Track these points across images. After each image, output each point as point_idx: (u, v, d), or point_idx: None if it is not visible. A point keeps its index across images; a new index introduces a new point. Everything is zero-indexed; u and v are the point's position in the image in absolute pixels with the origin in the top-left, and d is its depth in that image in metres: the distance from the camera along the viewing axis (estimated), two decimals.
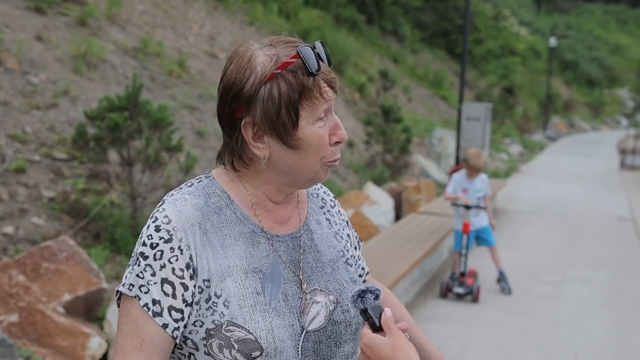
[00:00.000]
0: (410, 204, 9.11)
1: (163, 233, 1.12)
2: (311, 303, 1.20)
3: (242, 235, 1.19)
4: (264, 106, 1.12)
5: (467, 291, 5.79)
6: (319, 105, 1.14)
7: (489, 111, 12.58)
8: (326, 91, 1.14)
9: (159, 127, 5.92)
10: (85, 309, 4.41)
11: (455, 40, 28.71)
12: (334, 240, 1.33)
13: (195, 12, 13.01)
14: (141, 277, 1.11)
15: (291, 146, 1.15)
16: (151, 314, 1.10)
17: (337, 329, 1.22)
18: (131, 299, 1.12)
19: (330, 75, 1.16)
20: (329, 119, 1.17)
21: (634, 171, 17.46)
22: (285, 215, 1.26)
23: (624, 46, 59.73)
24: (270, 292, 1.16)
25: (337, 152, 1.20)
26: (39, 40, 7.84)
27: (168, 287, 1.11)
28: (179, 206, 1.15)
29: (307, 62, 1.11)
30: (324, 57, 1.16)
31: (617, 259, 7.57)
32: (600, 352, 4.79)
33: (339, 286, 1.25)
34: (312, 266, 1.25)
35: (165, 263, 1.11)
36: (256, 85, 1.12)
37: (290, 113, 1.12)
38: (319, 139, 1.15)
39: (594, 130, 36.23)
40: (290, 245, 1.24)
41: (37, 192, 5.82)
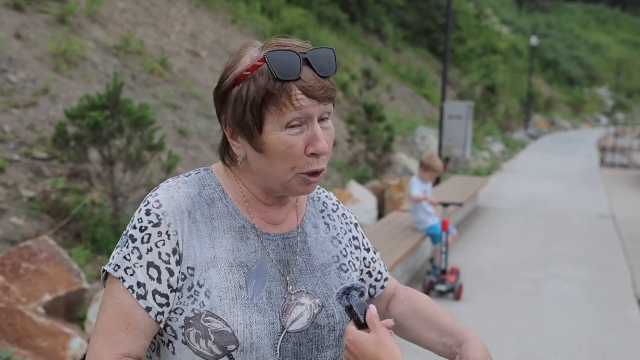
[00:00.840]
0: (393, 202, 9.14)
1: (152, 217, 1.14)
2: (295, 304, 1.19)
3: (232, 229, 1.19)
4: (234, 106, 1.15)
5: (449, 288, 5.83)
6: (287, 112, 1.11)
7: (470, 109, 12.66)
8: (298, 99, 1.11)
9: (140, 125, 5.88)
10: (65, 309, 4.37)
11: (438, 38, 28.83)
12: (330, 245, 1.32)
13: (177, 10, 12.94)
14: (128, 259, 1.13)
15: (258, 149, 1.15)
16: (135, 296, 1.11)
17: (320, 333, 1.21)
18: (116, 280, 1.13)
19: (311, 84, 1.12)
20: (309, 128, 1.14)
21: (613, 169, 17.67)
22: (278, 217, 1.26)
23: (603, 45, 60.45)
24: (253, 287, 1.16)
25: (316, 163, 1.16)
26: (17, 37, 7.75)
27: (154, 270, 1.12)
28: (172, 192, 1.18)
29: (271, 67, 1.10)
30: (318, 65, 1.13)
31: (597, 256, 7.66)
32: (580, 348, 4.85)
33: (326, 291, 1.24)
34: (302, 268, 1.24)
35: (152, 247, 1.12)
36: (230, 85, 1.15)
37: (254, 116, 1.12)
38: (287, 146, 1.12)
39: (574, 129, 36.61)
40: (281, 245, 1.24)
41: (16, 192, 5.76)
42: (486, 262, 7.19)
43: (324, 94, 1.13)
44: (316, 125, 1.14)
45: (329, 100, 1.15)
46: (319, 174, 1.18)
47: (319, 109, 1.13)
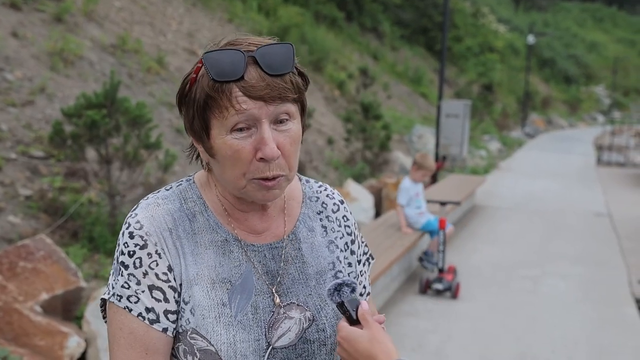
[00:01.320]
0: (390, 200, 9.15)
1: (137, 239, 1.10)
2: (283, 318, 1.15)
3: (213, 244, 1.15)
4: (186, 111, 1.11)
5: (446, 287, 5.83)
6: (229, 116, 1.04)
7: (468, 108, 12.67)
8: (240, 102, 1.03)
9: (137, 124, 5.88)
10: (63, 308, 4.37)
11: (435, 37, 28.85)
12: (326, 250, 1.25)
13: (174, 8, 12.93)
14: (127, 287, 1.09)
15: (210, 154, 1.11)
16: (148, 322, 1.08)
17: (309, 348, 1.16)
18: (122, 311, 1.09)
19: (253, 83, 1.03)
20: (258, 131, 1.05)
21: (610, 167, 17.70)
22: (260, 227, 1.20)
23: (600, 44, 60.52)
24: (237, 303, 1.12)
25: (267, 169, 1.07)
26: (14, 36, 7.74)
27: (158, 292, 1.09)
28: (151, 211, 1.13)
29: (207, 68, 1.04)
30: (266, 63, 1.04)
31: (594, 255, 7.67)
32: (576, 346, 4.86)
33: (319, 302, 1.19)
34: (294, 278, 1.19)
35: (147, 270, 1.09)
36: (183, 88, 1.11)
37: (200, 120, 1.08)
38: (233, 151, 1.06)
39: (571, 127, 36.65)
40: (269, 256, 1.18)
41: (13, 191, 5.75)
42: (483, 261, 7.21)
43: (271, 93, 1.04)
44: (264, 128, 1.05)
45: (282, 100, 1.05)
46: (275, 180, 1.09)
47: (267, 110, 1.04)
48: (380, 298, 5.52)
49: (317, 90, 15.45)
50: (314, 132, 12.18)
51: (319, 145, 11.96)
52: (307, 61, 16.22)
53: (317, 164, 11.21)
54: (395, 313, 5.46)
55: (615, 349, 4.83)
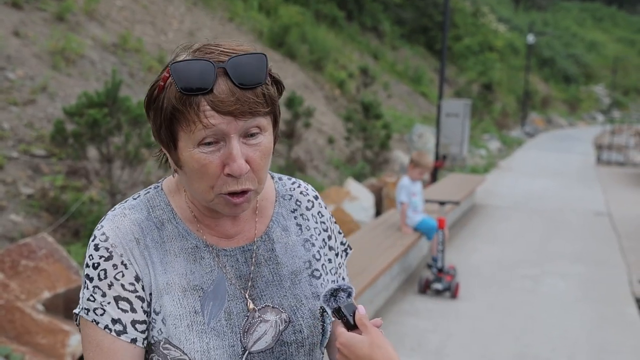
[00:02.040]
0: (391, 199, 9.16)
1: (102, 251, 1.07)
2: (258, 322, 1.12)
3: (183, 251, 1.12)
4: (154, 118, 1.06)
5: (445, 287, 5.84)
6: (196, 130, 0.99)
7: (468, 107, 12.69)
8: (207, 116, 0.98)
9: (138, 123, 5.89)
10: (65, 307, 4.39)
11: (435, 36, 28.86)
12: (302, 249, 1.22)
13: (175, 7, 12.94)
14: (92, 299, 1.07)
15: (177, 165, 1.07)
16: (115, 334, 1.06)
17: (287, 350, 1.14)
18: (89, 324, 1.07)
19: (222, 98, 0.98)
20: (227, 146, 1.01)
21: (610, 166, 17.72)
22: (232, 231, 1.17)
23: (600, 43, 60.51)
24: (210, 310, 1.10)
25: (235, 184, 1.04)
26: (16, 35, 7.75)
27: (124, 303, 1.07)
28: (117, 222, 1.10)
29: (175, 80, 0.99)
30: (237, 75, 0.99)
31: (594, 254, 7.69)
32: (576, 345, 4.88)
33: (295, 302, 1.16)
34: (268, 280, 1.16)
35: (112, 281, 1.06)
36: (151, 94, 1.06)
37: (167, 131, 1.03)
38: (200, 165, 1.02)
39: (570, 126, 36.65)
40: (241, 260, 1.16)
41: (15, 189, 5.77)
42: (483, 260, 7.22)
43: (241, 109, 0.99)
44: (233, 144, 1.00)
45: (252, 115, 1.00)
46: (243, 195, 1.06)
47: (236, 125, 1.00)
48: (380, 297, 5.54)
49: (318, 90, 15.46)
50: (315, 131, 12.20)
51: (319, 144, 11.97)
52: (308, 60, 16.23)
53: (318, 163, 11.23)
54: (395, 312, 5.47)
55: (615, 348, 4.85)
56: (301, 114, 9.90)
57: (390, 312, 5.47)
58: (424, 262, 7.05)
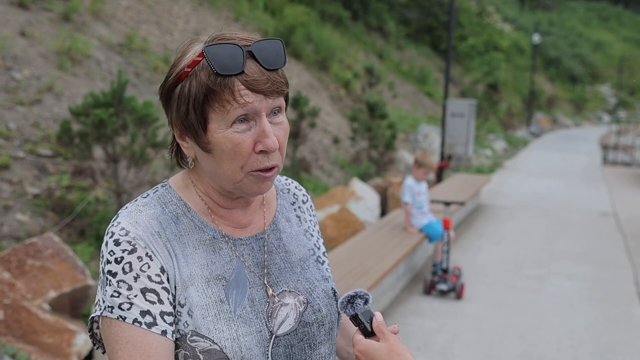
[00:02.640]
0: (396, 199, 9.16)
1: (124, 245, 1.07)
2: (279, 306, 1.16)
3: (202, 243, 1.14)
4: (177, 105, 1.09)
5: (450, 288, 5.83)
6: (232, 109, 1.05)
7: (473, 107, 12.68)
8: (242, 95, 1.04)
9: (144, 123, 5.91)
10: (70, 306, 4.40)
11: (440, 36, 28.82)
12: (304, 239, 1.29)
13: (181, 7, 12.96)
14: (117, 295, 1.05)
15: (205, 149, 1.10)
16: (146, 327, 1.04)
17: (310, 331, 1.18)
18: (115, 322, 1.05)
19: (255, 77, 1.05)
20: (257, 124, 1.08)
21: (616, 167, 17.66)
22: (245, 220, 1.21)
23: (606, 43, 60.30)
24: (234, 298, 1.12)
25: (266, 160, 1.09)
26: (22, 35, 7.78)
27: (152, 295, 1.06)
28: (134, 217, 1.11)
29: (210, 62, 1.04)
30: (263, 57, 1.07)
31: (599, 254, 7.67)
32: (582, 345, 4.87)
33: (309, 285, 1.21)
34: (280, 267, 1.21)
35: (138, 273, 1.06)
36: (173, 83, 1.10)
37: (198, 115, 1.07)
38: (234, 145, 1.06)
39: (576, 126, 36.56)
40: (256, 248, 1.20)
41: (21, 189, 5.79)
42: (488, 260, 7.21)
43: (271, 87, 1.07)
44: (264, 121, 1.08)
45: (278, 94, 1.09)
46: (272, 170, 1.11)
47: (266, 103, 1.07)
48: (386, 297, 5.54)
49: (323, 90, 15.46)
50: (320, 131, 12.19)
51: (324, 144, 11.97)
52: (313, 60, 16.24)
53: (323, 163, 11.23)
54: (401, 312, 5.47)
55: (621, 349, 4.83)
56: (306, 114, 9.90)
57: (396, 312, 5.46)
58: (429, 262, 7.04)
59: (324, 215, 7.34)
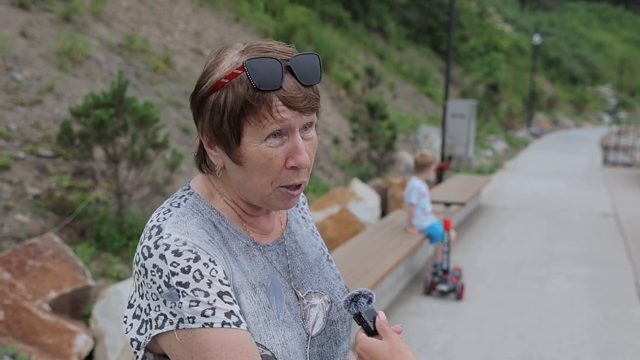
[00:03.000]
0: (396, 200, 9.16)
1: (187, 254, 1.02)
2: (309, 307, 1.19)
3: (241, 250, 1.14)
4: (210, 114, 1.08)
5: (450, 288, 5.83)
6: (267, 124, 1.04)
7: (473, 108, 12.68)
8: (279, 111, 1.03)
9: (144, 124, 5.91)
10: (71, 307, 4.41)
11: (440, 37, 28.82)
12: (313, 239, 1.32)
13: (181, 8, 12.96)
14: (196, 304, 1.00)
15: (235, 161, 1.09)
16: (235, 326, 1.01)
17: (335, 329, 1.21)
18: (201, 331, 1.00)
19: (293, 94, 1.04)
20: (290, 140, 1.07)
21: (616, 167, 17.66)
22: (269, 226, 1.22)
23: (606, 44, 60.30)
24: (276, 304, 1.13)
25: (296, 177, 1.09)
26: (23, 36, 7.79)
27: (228, 297, 1.03)
28: (182, 227, 1.07)
29: (250, 76, 1.02)
30: (301, 73, 1.06)
31: (600, 254, 7.67)
32: (582, 345, 4.87)
33: (328, 285, 1.25)
34: (302, 269, 1.23)
35: (210, 279, 1.02)
36: (208, 91, 1.08)
37: (232, 127, 1.06)
38: (266, 159, 1.06)
39: (577, 127, 36.55)
40: (280, 252, 1.21)
41: (21, 189, 5.79)
42: (489, 261, 7.21)
43: (307, 104, 1.06)
44: (298, 137, 1.07)
45: (312, 110, 1.08)
46: (299, 187, 1.11)
47: (301, 120, 1.06)
48: (386, 298, 5.54)
49: (323, 90, 15.47)
50: (320, 132, 12.20)
51: (325, 145, 11.97)
52: None
53: (323, 163, 11.23)
54: (401, 313, 5.47)
55: (622, 349, 4.83)
56: None
57: (396, 312, 5.46)
58: (430, 263, 7.04)
59: (324, 215, 7.34)
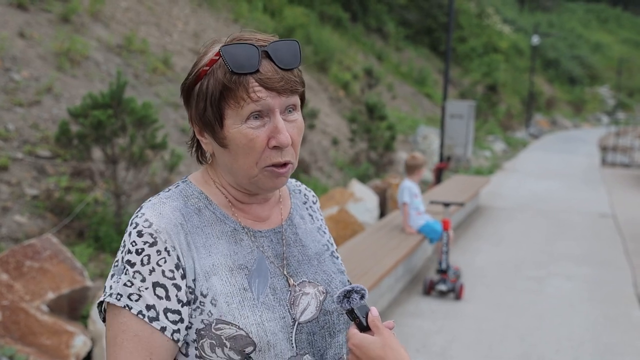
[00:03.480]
0: (395, 201, 9.15)
1: (147, 237, 1.10)
2: (300, 295, 1.20)
3: (224, 234, 1.18)
4: (196, 102, 1.15)
5: (450, 288, 5.83)
6: (245, 105, 1.10)
7: (472, 109, 12.68)
8: (255, 91, 1.10)
9: (143, 124, 5.90)
10: (69, 307, 4.40)
11: (439, 38, 28.83)
12: (318, 235, 1.34)
13: (180, 9, 12.95)
14: (129, 285, 1.09)
15: (221, 144, 1.15)
16: (147, 320, 1.07)
17: (330, 319, 1.23)
18: (121, 310, 1.08)
19: (269, 76, 1.10)
20: (271, 121, 1.12)
21: (614, 168, 17.66)
22: (263, 214, 1.26)
23: (605, 45, 60.34)
24: (257, 287, 1.16)
25: (280, 156, 1.14)
26: (21, 36, 7.78)
27: (160, 290, 1.09)
28: (158, 209, 1.15)
29: (226, 61, 1.09)
30: (278, 58, 1.12)
31: (599, 255, 7.67)
32: (581, 346, 4.86)
33: (326, 277, 1.26)
34: (299, 259, 1.25)
35: (154, 267, 1.09)
36: (193, 81, 1.16)
37: (215, 111, 1.12)
38: (248, 140, 1.12)
39: (575, 128, 36.57)
40: (275, 240, 1.24)
41: (19, 190, 5.78)
42: (488, 261, 7.21)
43: (285, 86, 1.12)
44: (278, 117, 1.12)
45: (292, 92, 1.13)
46: (286, 166, 1.16)
47: (280, 101, 1.12)
48: (384, 299, 5.53)
49: (322, 91, 15.46)
50: (319, 132, 12.19)
51: (323, 145, 11.97)
52: (312, 61, 16.23)
53: (322, 164, 11.22)
54: (400, 313, 5.47)
55: (620, 349, 4.83)
56: (305, 115, 9.90)
57: (395, 313, 5.46)
58: (428, 264, 7.04)
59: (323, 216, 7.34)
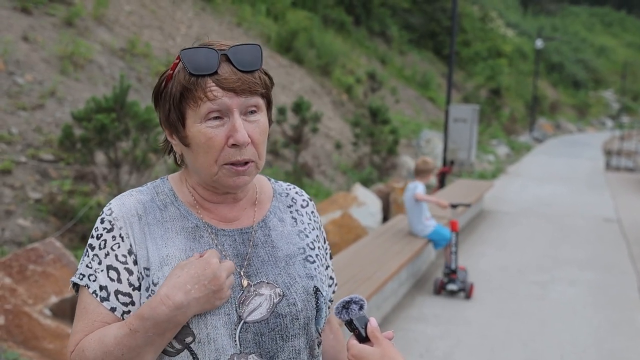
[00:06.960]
0: (398, 205, 9.14)
1: (106, 224, 1.21)
2: (253, 295, 1.21)
3: (184, 230, 1.23)
4: (162, 104, 1.22)
5: (460, 288, 5.88)
6: (202, 104, 1.15)
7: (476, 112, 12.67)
8: (212, 90, 1.14)
9: (146, 128, 5.90)
10: (72, 311, 4.39)
11: (443, 41, 28.84)
12: (296, 238, 1.34)
13: (183, 12, 12.98)
14: (89, 266, 1.20)
15: (184, 143, 1.20)
16: (99, 300, 1.18)
17: (282, 322, 1.22)
18: (83, 288, 1.20)
19: (227, 76, 1.15)
20: (230, 120, 1.16)
21: (619, 172, 17.62)
22: (230, 215, 1.29)
23: (609, 48, 60.30)
24: None
25: (239, 154, 1.17)
26: (25, 40, 7.79)
27: (113, 273, 1.18)
28: (123, 200, 1.25)
29: (185, 63, 1.15)
30: (237, 60, 1.16)
31: (603, 260, 7.64)
32: (585, 351, 4.84)
33: (289, 280, 1.26)
34: (264, 260, 1.26)
35: (109, 251, 1.19)
36: (162, 85, 1.22)
37: (177, 112, 1.18)
38: (207, 138, 1.16)
39: (579, 132, 36.51)
40: (239, 240, 1.27)
41: (23, 194, 5.78)
42: (491, 266, 7.18)
43: (242, 86, 1.16)
44: (236, 116, 1.16)
45: (251, 93, 1.17)
46: (246, 165, 1.19)
47: (238, 101, 1.16)
48: (388, 303, 5.52)
49: (325, 95, 15.46)
50: (322, 136, 12.19)
51: (326, 149, 11.96)
52: (315, 65, 16.24)
53: (325, 168, 11.22)
54: (403, 318, 5.45)
55: (625, 355, 4.80)
56: (308, 119, 9.89)
57: (399, 318, 5.44)
58: (432, 267, 7.02)
59: (326, 220, 7.33)
